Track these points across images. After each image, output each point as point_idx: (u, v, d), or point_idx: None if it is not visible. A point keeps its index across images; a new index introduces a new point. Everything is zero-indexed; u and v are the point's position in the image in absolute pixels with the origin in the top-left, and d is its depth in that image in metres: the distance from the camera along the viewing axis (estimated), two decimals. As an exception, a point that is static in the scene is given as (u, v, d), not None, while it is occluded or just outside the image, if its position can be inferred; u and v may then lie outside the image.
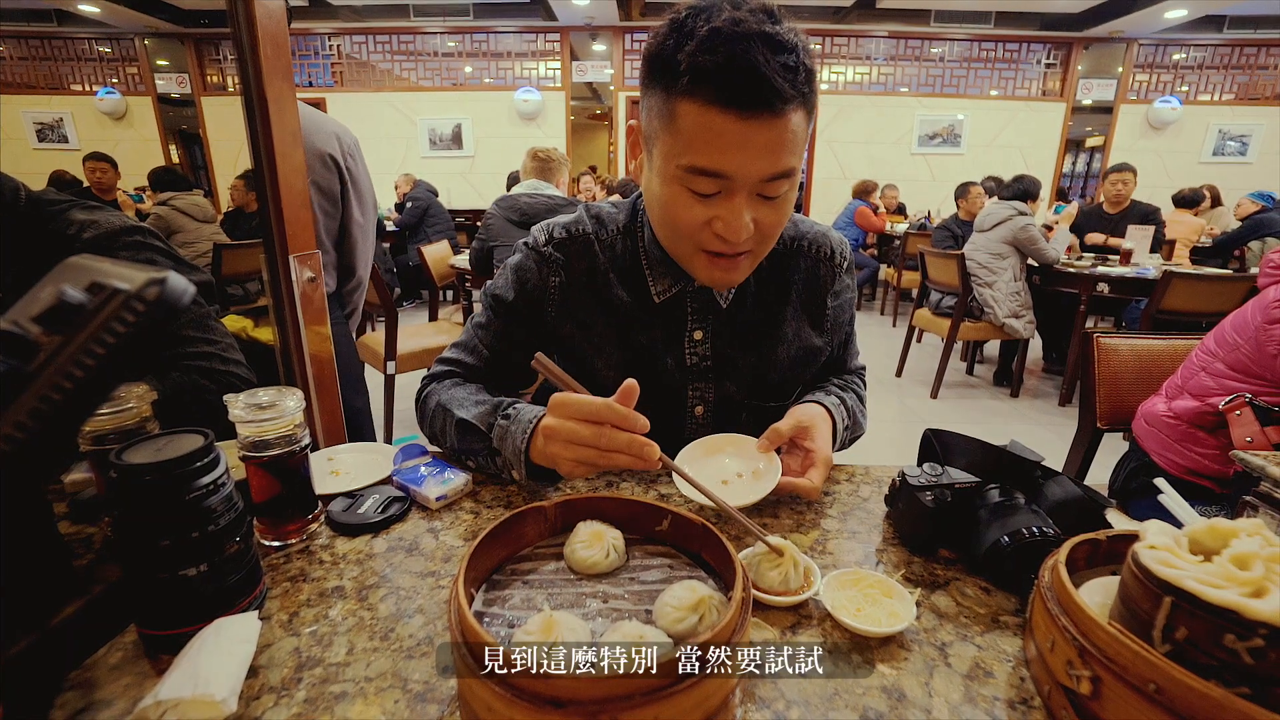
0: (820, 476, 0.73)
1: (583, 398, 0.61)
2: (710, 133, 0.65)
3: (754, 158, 0.66)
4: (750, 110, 0.63)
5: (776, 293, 0.89)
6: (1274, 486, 0.70)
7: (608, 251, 0.88)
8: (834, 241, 0.93)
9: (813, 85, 0.68)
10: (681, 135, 0.67)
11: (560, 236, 0.88)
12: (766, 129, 0.64)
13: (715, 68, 0.62)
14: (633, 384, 0.60)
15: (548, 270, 0.87)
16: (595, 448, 0.60)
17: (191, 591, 0.48)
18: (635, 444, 0.59)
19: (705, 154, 0.66)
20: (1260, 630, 0.36)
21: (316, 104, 7.43)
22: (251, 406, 0.61)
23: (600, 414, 0.60)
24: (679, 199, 0.71)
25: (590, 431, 0.60)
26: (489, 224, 2.77)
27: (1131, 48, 7.34)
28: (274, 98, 1.02)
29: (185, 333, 0.92)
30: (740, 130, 0.64)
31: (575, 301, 0.87)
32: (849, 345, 1.02)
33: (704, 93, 0.63)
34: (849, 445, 0.92)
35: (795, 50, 0.65)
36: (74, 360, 0.31)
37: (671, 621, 0.45)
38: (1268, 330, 1.18)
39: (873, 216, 6.04)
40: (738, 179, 0.67)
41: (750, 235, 0.71)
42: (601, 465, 0.63)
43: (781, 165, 0.67)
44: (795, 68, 0.64)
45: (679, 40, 0.65)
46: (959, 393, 3.84)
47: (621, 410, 0.59)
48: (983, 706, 0.46)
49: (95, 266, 0.35)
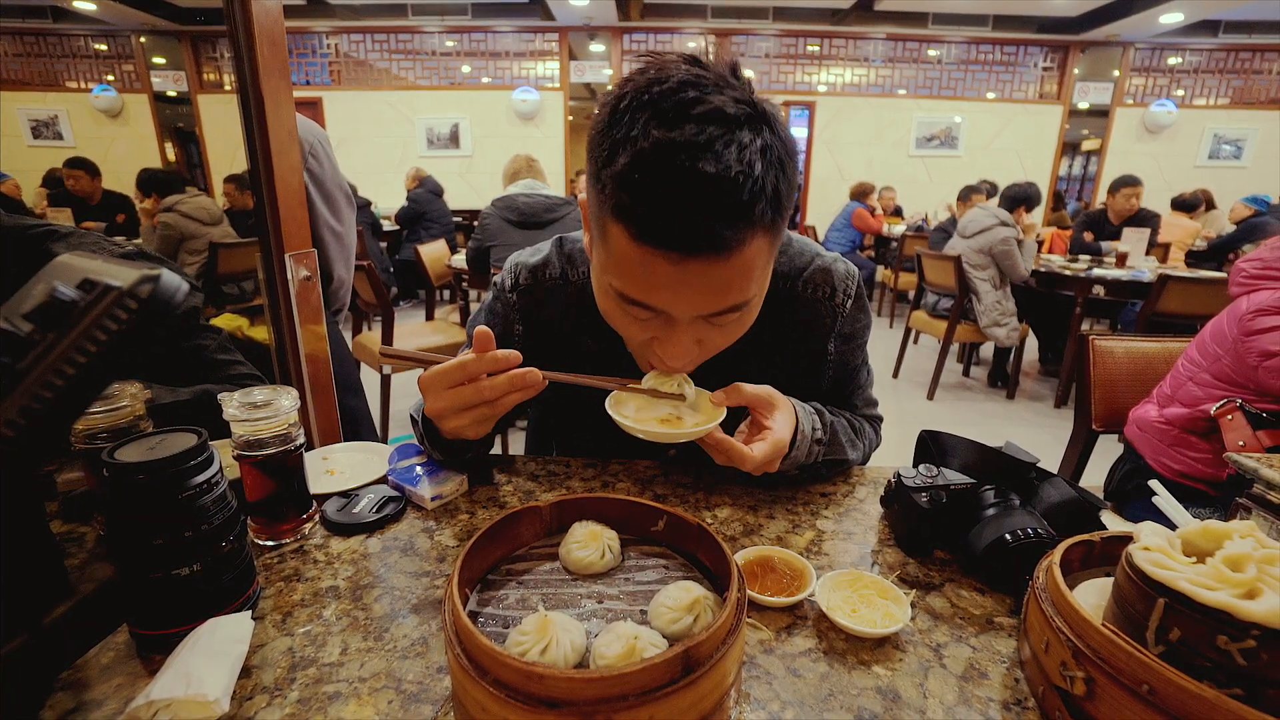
0: (763, 453, 0.67)
1: (443, 367, 0.61)
2: (641, 269, 0.56)
3: (693, 298, 0.57)
4: (687, 254, 0.53)
5: (770, 341, 0.78)
6: (1267, 489, 0.70)
7: (577, 294, 0.80)
8: (838, 277, 0.79)
9: (780, 201, 0.55)
10: (612, 256, 0.58)
11: (525, 282, 0.82)
12: (708, 270, 0.54)
13: (639, 209, 0.52)
14: (483, 331, 0.60)
15: (513, 317, 0.84)
16: (483, 403, 0.60)
17: (184, 591, 0.48)
18: (516, 380, 0.59)
19: (635, 288, 0.58)
20: (1253, 631, 0.36)
21: (314, 103, 7.42)
22: (246, 405, 0.61)
23: (468, 371, 0.60)
24: (615, 314, 0.65)
25: (470, 391, 0.60)
26: (485, 224, 2.76)
27: (1128, 51, 7.38)
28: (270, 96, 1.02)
29: (216, 357, 0.94)
30: (675, 272, 0.54)
31: (540, 349, 0.80)
32: (853, 384, 0.89)
33: (629, 226, 0.54)
34: (822, 465, 0.79)
35: (750, 174, 0.51)
36: (65, 358, 0.31)
37: (667, 622, 0.44)
38: (1245, 342, 1.18)
39: (870, 218, 6.05)
40: (674, 314, 0.60)
41: (695, 357, 0.65)
42: (499, 412, 0.63)
43: (728, 302, 0.58)
44: (748, 202, 0.51)
45: (609, 140, 0.54)
46: (955, 394, 3.85)
47: (487, 358, 0.59)
48: (977, 707, 0.46)
49: (87, 264, 0.35)
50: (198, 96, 7.61)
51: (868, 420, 0.90)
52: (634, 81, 0.55)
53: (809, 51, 7.52)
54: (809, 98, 7.56)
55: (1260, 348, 1.16)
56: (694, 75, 0.53)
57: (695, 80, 0.53)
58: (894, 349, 4.19)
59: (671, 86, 0.52)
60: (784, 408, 0.72)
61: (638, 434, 0.65)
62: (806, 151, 7.72)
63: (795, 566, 0.60)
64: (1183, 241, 4.73)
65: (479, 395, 0.60)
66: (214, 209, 3.01)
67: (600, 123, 0.56)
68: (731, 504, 0.75)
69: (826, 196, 7.63)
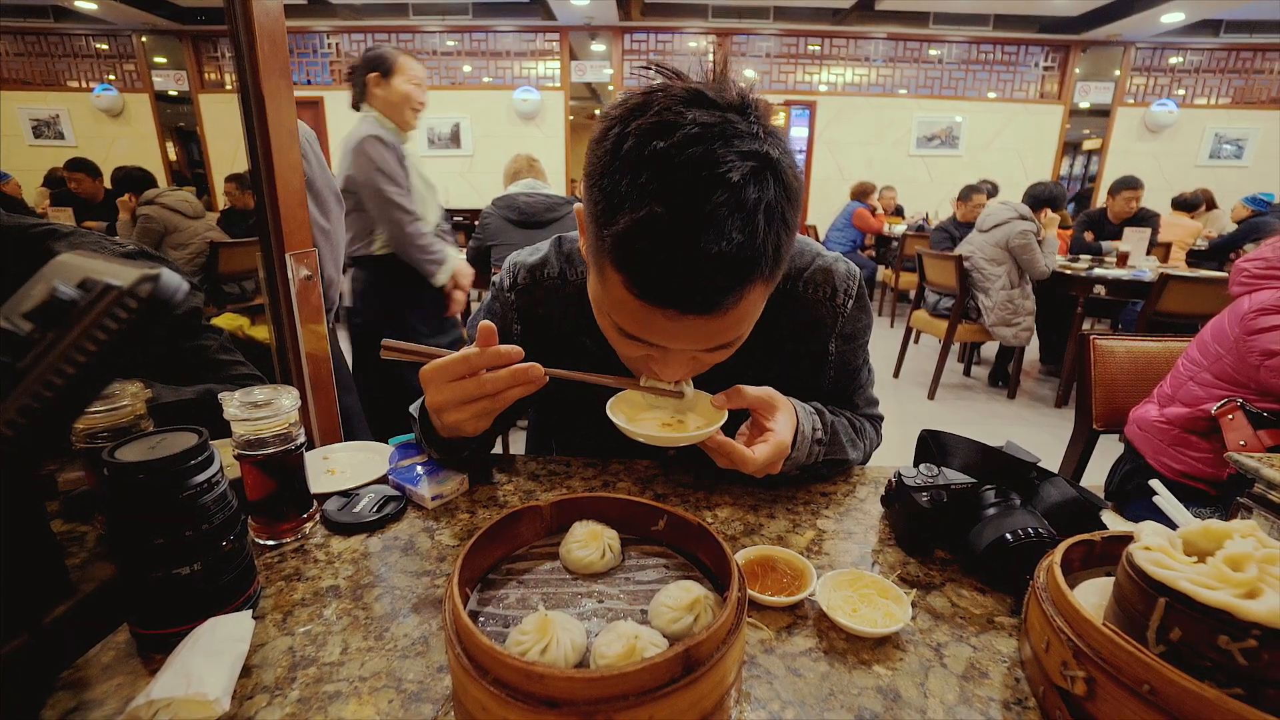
0: (765, 454, 0.67)
1: (445, 360, 0.61)
2: (639, 315, 0.57)
3: (690, 340, 0.59)
4: (685, 313, 0.54)
5: (768, 341, 0.78)
6: (1268, 489, 0.70)
7: (575, 294, 0.80)
8: (839, 277, 0.79)
9: (780, 254, 0.55)
10: (609, 296, 0.58)
11: (524, 281, 0.82)
12: (706, 322, 0.56)
13: (638, 274, 0.53)
14: (487, 325, 0.60)
15: (511, 316, 0.84)
16: (485, 396, 0.60)
17: (184, 590, 0.48)
18: (518, 375, 0.59)
19: (632, 327, 0.59)
20: (1254, 631, 0.36)
21: (315, 103, 7.42)
22: (246, 405, 0.61)
23: (471, 364, 0.60)
24: (610, 334, 0.65)
25: (472, 384, 0.60)
26: (486, 224, 2.76)
27: (1129, 51, 7.37)
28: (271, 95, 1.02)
29: (218, 357, 0.94)
30: (672, 324, 0.56)
31: (538, 349, 0.78)
32: (854, 384, 0.89)
33: (628, 283, 0.54)
34: (823, 465, 0.79)
35: (752, 243, 0.51)
36: (65, 357, 0.31)
37: (667, 621, 0.44)
38: (1247, 342, 1.18)
39: (871, 218, 6.05)
40: (670, 349, 0.62)
41: (691, 374, 0.67)
42: (499, 407, 0.62)
43: (724, 340, 0.61)
44: (749, 265, 0.52)
45: (609, 188, 0.52)
46: (956, 394, 3.85)
47: (489, 353, 0.59)
48: (978, 707, 0.46)
49: (88, 264, 0.35)
50: (199, 96, 7.62)
51: (868, 420, 0.90)
52: (638, 118, 0.52)
53: (810, 51, 7.51)
54: (810, 97, 7.55)
55: (1262, 347, 1.15)
56: (700, 125, 0.51)
57: (702, 133, 0.51)
58: (895, 349, 4.18)
59: (677, 142, 0.50)
60: (784, 409, 0.73)
61: (639, 438, 0.65)
62: (807, 151, 7.71)
63: (796, 566, 0.60)
64: (1183, 241, 4.73)
65: (480, 389, 0.60)
66: (195, 203, 2.98)
67: (601, 158, 0.54)
68: (732, 503, 0.75)
69: (827, 196, 7.62)
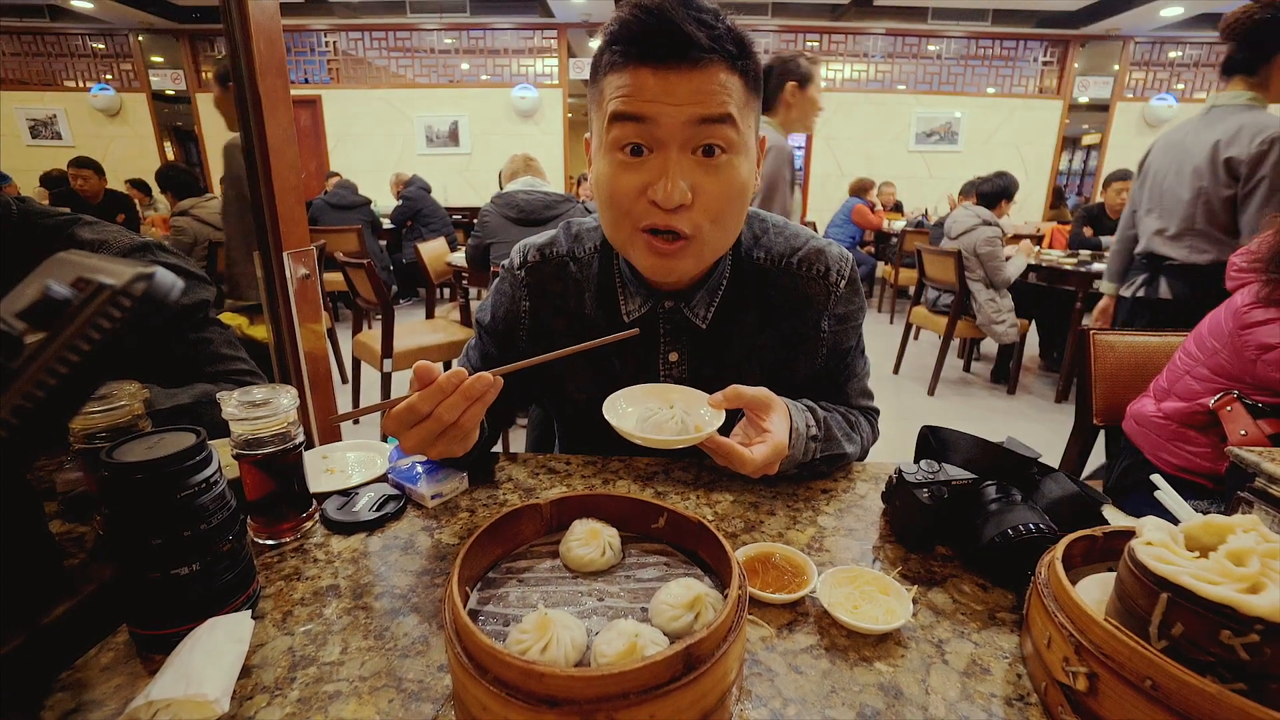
0: (763, 455, 0.68)
1: (396, 411, 0.60)
2: (630, 85, 0.66)
3: (676, 102, 0.65)
4: (666, 61, 0.64)
5: (760, 314, 0.83)
6: (1269, 482, 0.70)
7: (584, 270, 0.85)
8: (831, 258, 0.83)
9: (743, 48, 0.68)
10: (605, 99, 0.68)
11: (533, 259, 0.86)
12: (686, 79, 0.65)
13: (628, 27, 0.65)
14: (422, 366, 0.59)
15: (520, 294, 0.87)
16: (451, 424, 0.60)
17: (183, 591, 0.48)
18: (471, 390, 0.58)
19: (625, 101, 0.67)
20: (1256, 626, 0.36)
21: (312, 101, 7.40)
22: (245, 404, 0.60)
23: (419, 411, 0.59)
24: (612, 169, 0.70)
25: (431, 423, 0.59)
26: (485, 222, 2.76)
27: (1128, 45, 7.35)
28: (268, 94, 1.02)
29: (220, 351, 0.94)
30: (659, 81, 0.65)
31: (546, 326, 0.86)
32: (847, 371, 0.89)
33: (622, 54, 0.66)
34: (821, 462, 0.79)
35: (715, 13, 0.66)
36: (58, 356, 0.31)
37: (668, 619, 0.44)
38: (1242, 336, 1.17)
39: (870, 214, 6.04)
40: (662, 124, 0.66)
41: (687, 203, 0.68)
42: (470, 424, 0.62)
43: (709, 110, 0.66)
44: (714, 25, 0.65)
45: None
46: (956, 389, 3.85)
47: (431, 391, 0.58)
48: (979, 703, 0.46)
49: (82, 262, 0.35)
50: (196, 95, 7.60)
51: (863, 413, 0.91)
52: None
53: (808, 47, 7.49)
54: (808, 93, 7.54)
55: (1258, 340, 1.15)
56: None
57: None
58: (894, 345, 4.18)
59: None
60: (779, 409, 0.73)
61: (636, 441, 0.65)
62: (806, 147, 7.70)
63: (796, 563, 0.59)
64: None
65: (440, 424, 0.60)
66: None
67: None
68: (732, 500, 0.75)
69: (826, 192, 7.61)
